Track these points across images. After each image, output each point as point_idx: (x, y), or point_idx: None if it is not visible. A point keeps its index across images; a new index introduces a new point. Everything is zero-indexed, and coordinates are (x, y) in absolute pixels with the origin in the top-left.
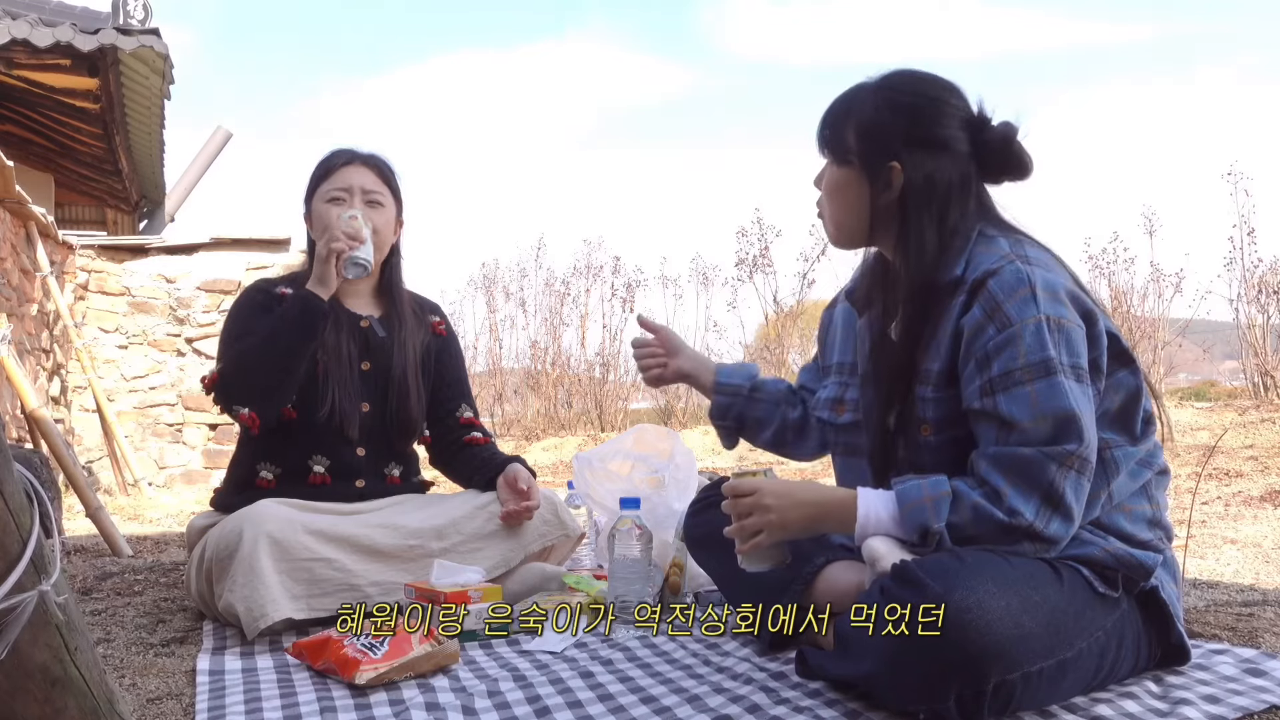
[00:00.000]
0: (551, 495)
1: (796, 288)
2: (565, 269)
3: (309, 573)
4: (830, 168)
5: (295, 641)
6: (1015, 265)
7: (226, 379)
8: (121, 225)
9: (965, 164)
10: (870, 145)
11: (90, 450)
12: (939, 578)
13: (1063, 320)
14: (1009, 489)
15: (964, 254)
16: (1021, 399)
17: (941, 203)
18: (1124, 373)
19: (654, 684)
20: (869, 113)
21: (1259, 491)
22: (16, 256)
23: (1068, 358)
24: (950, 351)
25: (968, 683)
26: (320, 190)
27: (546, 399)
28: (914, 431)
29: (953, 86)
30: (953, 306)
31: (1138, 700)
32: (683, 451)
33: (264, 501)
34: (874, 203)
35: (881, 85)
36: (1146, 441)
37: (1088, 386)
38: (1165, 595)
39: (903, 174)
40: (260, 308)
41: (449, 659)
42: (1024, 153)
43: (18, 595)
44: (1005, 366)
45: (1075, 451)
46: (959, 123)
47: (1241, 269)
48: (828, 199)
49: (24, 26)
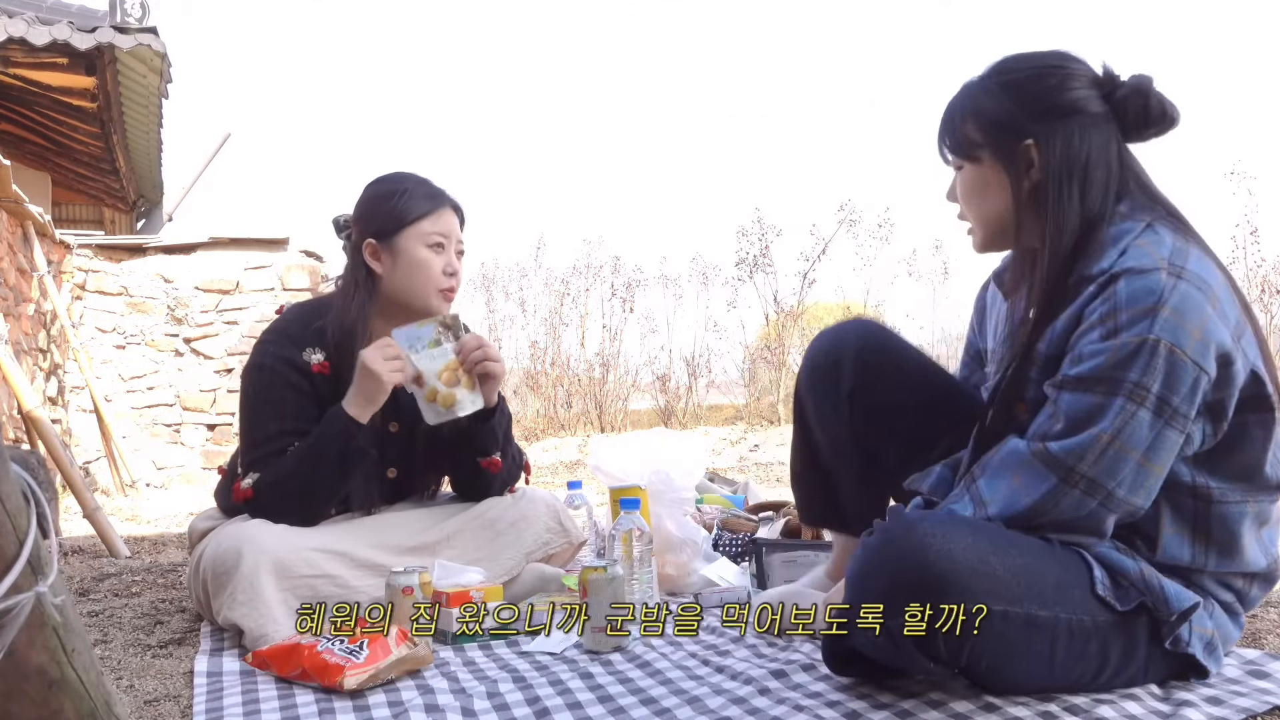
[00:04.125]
0: (553, 501)
1: (797, 288)
2: (565, 268)
3: (311, 589)
4: (962, 172)
5: (255, 651)
6: (1158, 276)
7: (263, 506)
8: (119, 224)
9: (1104, 124)
10: (997, 131)
11: (87, 451)
12: (917, 514)
13: (1175, 348)
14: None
15: (1118, 244)
16: (1078, 404)
17: (1085, 169)
18: (1254, 418)
19: (654, 685)
20: (986, 101)
21: None
22: (13, 256)
23: (1158, 387)
24: (1063, 338)
25: (923, 603)
26: (419, 229)
27: (546, 399)
28: (1013, 408)
29: (1067, 53)
30: (1084, 296)
31: (1140, 701)
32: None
33: (259, 524)
34: (1016, 192)
35: (990, 73)
36: (1266, 497)
37: (1169, 425)
38: (1193, 645)
39: (1038, 149)
40: (291, 388)
41: (422, 662)
42: (1165, 101)
43: (14, 596)
44: (1087, 369)
45: (1079, 470)
46: (1086, 83)
47: (1244, 268)
48: (968, 204)
49: (21, 25)
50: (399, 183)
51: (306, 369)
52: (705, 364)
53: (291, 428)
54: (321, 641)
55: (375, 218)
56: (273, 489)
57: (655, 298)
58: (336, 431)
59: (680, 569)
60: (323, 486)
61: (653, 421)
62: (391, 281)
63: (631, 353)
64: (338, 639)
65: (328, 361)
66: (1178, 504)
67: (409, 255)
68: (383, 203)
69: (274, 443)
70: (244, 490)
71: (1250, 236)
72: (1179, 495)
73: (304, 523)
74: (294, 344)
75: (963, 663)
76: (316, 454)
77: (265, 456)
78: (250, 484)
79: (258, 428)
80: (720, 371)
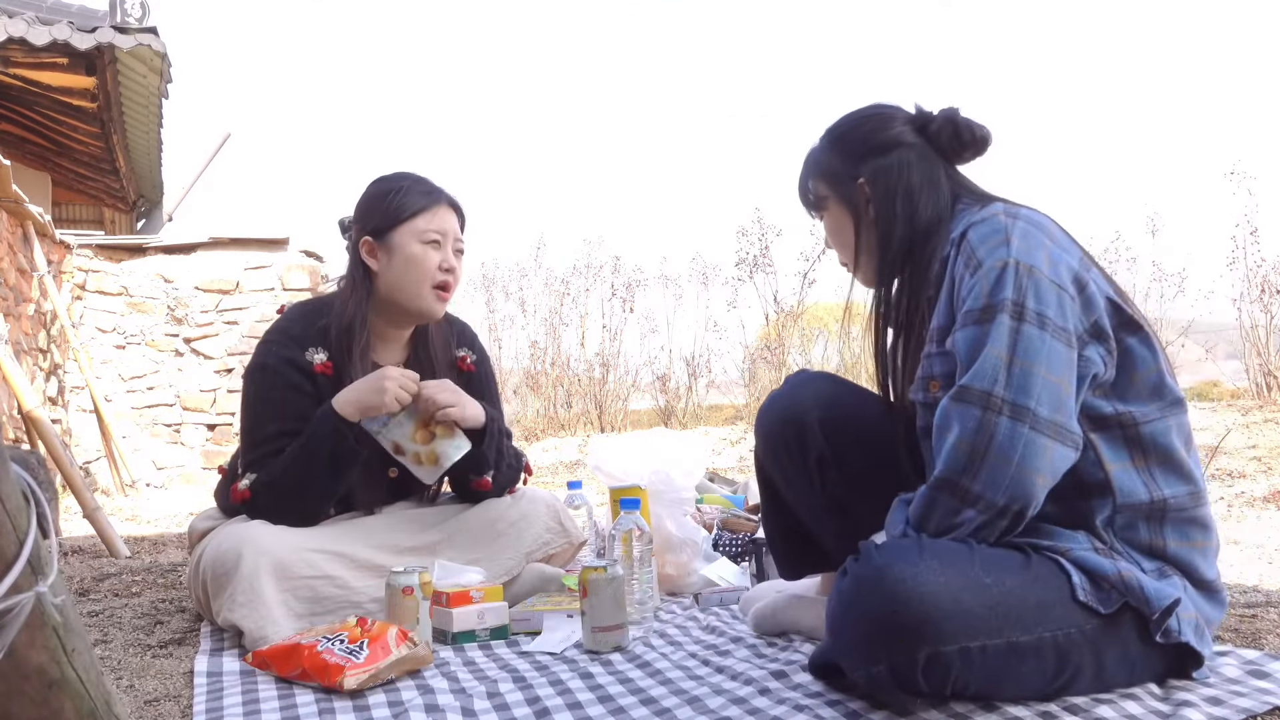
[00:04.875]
0: (553, 501)
1: (797, 288)
2: (565, 268)
3: (311, 590)
4: (823, 222)
5: (255, 651)
6: (999, 219)
7: (259, 507)
8: (119, 224)
9: (922, 151)
10: (834, 179)
11: (87, 451)
12: (887, 552)
13: (1034, 268)
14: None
15: (961, 222)
16: (968, 338)
17: (908, 189)
18: (1133, 340)
19: (654, 685)
20: (822, 158)
21: (1262, 492)
22: (13, 256)
23: (1033, 303)
24: (947, 307)
25: (899, 650)
26: (413, 225)
27: (546, 399)
28: (928, 392)
29: (882, 103)
30: (948, 265)
31: (1139, 701)
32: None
33: (259, 525)
34: (860, 227)
35: (823, 135)
36: (1177, 410)
37: (1054, 338)
38: (1184, 633)
39: (870, 185)
40: (292, 389)
41: (422, 662)
42: (975, 126)
43: (14, 596)
44: (969, 306)
45: (995, 394)
46: (901, 121)
47: (1244, 269)
48: (835, 247)
49: (21, 25)
50: (396, 181)
51: (309, 369)
52: (705, 364)
53: (291, 429)
54: (321, 641)
55: (372, 215)
56: (268, 490)
57: (655, 298)
58: (327, 432)
59: (680, 569)
60: (316, 487)
61: (653, 421)
62: (386, 278)
63: (631, 353)
64: (338, 639)
65: (330, 361)
66: (1111, 439)
67: (403, 251)
68: (379, 200)
69: (272, 444)
70: (241, 491)
71: (1250, 236)
72: (1109, 430)
73: (302, 523)
74: (297, 344)
75: (948, 693)
76: (308, 455)
77: (263, 457)
78: (247, 485)
79: (257, 429)
80: (720, 371)
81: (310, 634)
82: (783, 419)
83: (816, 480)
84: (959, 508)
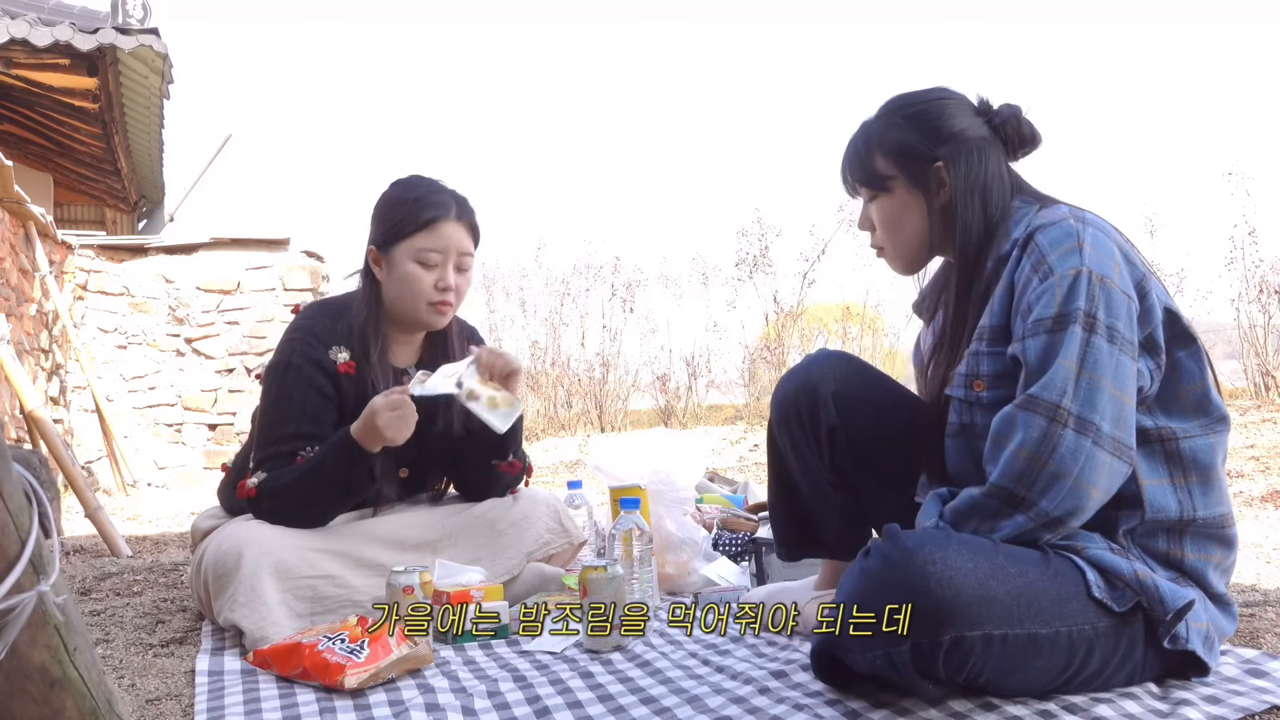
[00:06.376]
0: (554, 501)
1: (797, 288)
2: (565, 269)
3: (312, 590)
4: (875, 203)
5: (256, 650)
6: (1069, 223)
7: (262, 509)
8: (120, 225)
9: (991, 144)
10: (907, 159)
11: (89, 450)
12: (916, 536)
13: (1105, 278)
14: (994, 447)
15: (1021, 221)
16: (1039, 347)
17: (984, 183)
18: (1183, 353)
19: (654, 684)
20: (891, 134)
21: (1260, 492)
22: (15, 256)
23: (1104, 315)
24: (1004, 307)
25: (924, 631)
26: (412, 243)
27: (546, 399)
28: (970, 390)
29: (944, 88)
30: (1009, 264)
31: (1138, 700)
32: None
33: (260, 525)
34: (931, 211)
35: (888, 110)
36: (1219, 429)
37: (1122, 352)
38: (1192, 641)
39: (948, 170)
40: (314, 390)
41: (422, 661)
42: (1033, 124)
43: (16, 596)
44: (1039, 314)
45: (1064, 406)
46: (969, 112)
47: (1243, 269)
48: (888, 231)
49: (23, 26)
50: (409, 190)
51: (333, 369)
52: (705, 364)
53: (309, 431)
54: (322, 640)
55: (378, 225)
56: (273, 496)
57: (655, 298)
58: (342, 458)
59: (680, 569)
60: (321, 507)
61: (653, 421)
62: (388, 290)
63: (631, 353)
64: (338, 638)
65: (353, 361)
66: (1149, 454)
67: (400, 269)
68: (387, 210)
69: (288, 444)
70: (249, 488)
71: (1249, 237)
72: (1147, 444)
73: (309, 527)
74: (321, 342)
75: (961, 680)
76: (319, 476)
77: (277, 456)
78: (255, 483)
79: (275, 427)
80: (720, 371)
81: (311, 633)
82: (799, 388)
83: (825, 452)
84: (1009, 513)
